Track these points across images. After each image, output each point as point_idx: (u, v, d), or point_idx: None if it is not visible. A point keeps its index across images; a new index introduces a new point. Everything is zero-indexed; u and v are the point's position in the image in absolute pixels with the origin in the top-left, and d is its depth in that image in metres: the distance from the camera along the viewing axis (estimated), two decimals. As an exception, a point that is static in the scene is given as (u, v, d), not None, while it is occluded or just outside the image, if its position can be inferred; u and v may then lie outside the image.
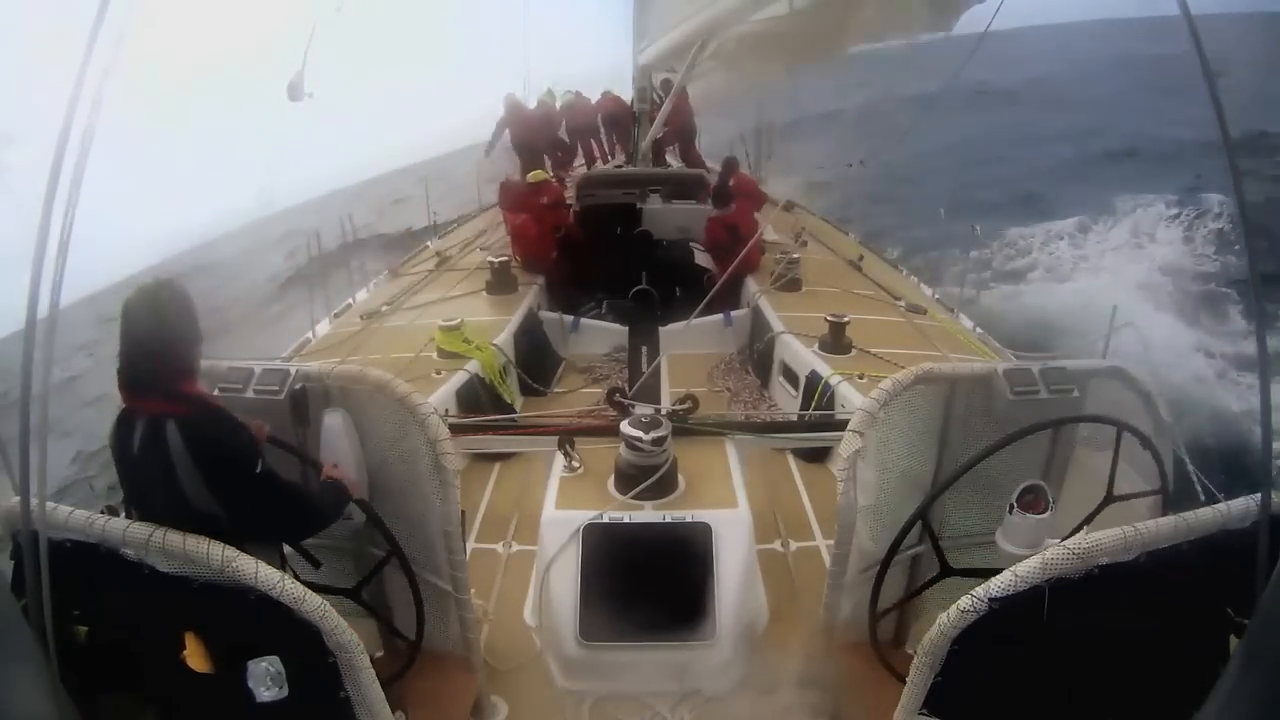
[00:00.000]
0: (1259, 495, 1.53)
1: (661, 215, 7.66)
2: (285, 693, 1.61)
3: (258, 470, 1.80)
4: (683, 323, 6.04)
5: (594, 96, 10.95)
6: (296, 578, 1.78)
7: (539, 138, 10.07)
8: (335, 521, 2.14)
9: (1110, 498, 2.13)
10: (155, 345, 1.72)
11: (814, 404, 4.52)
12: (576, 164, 10.85)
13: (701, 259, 7.01)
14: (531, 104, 10.30)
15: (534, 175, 7.24)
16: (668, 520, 2.95)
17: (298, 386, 2.35)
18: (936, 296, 6.72)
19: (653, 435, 3.02)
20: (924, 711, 1.66)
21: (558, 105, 10.62)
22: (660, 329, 6.12)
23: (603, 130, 10.82)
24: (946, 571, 2.29)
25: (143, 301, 1.71)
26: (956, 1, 4.29)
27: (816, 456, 4.37)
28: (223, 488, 1.74)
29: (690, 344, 5.96)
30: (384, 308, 6.23)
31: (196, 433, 1.72)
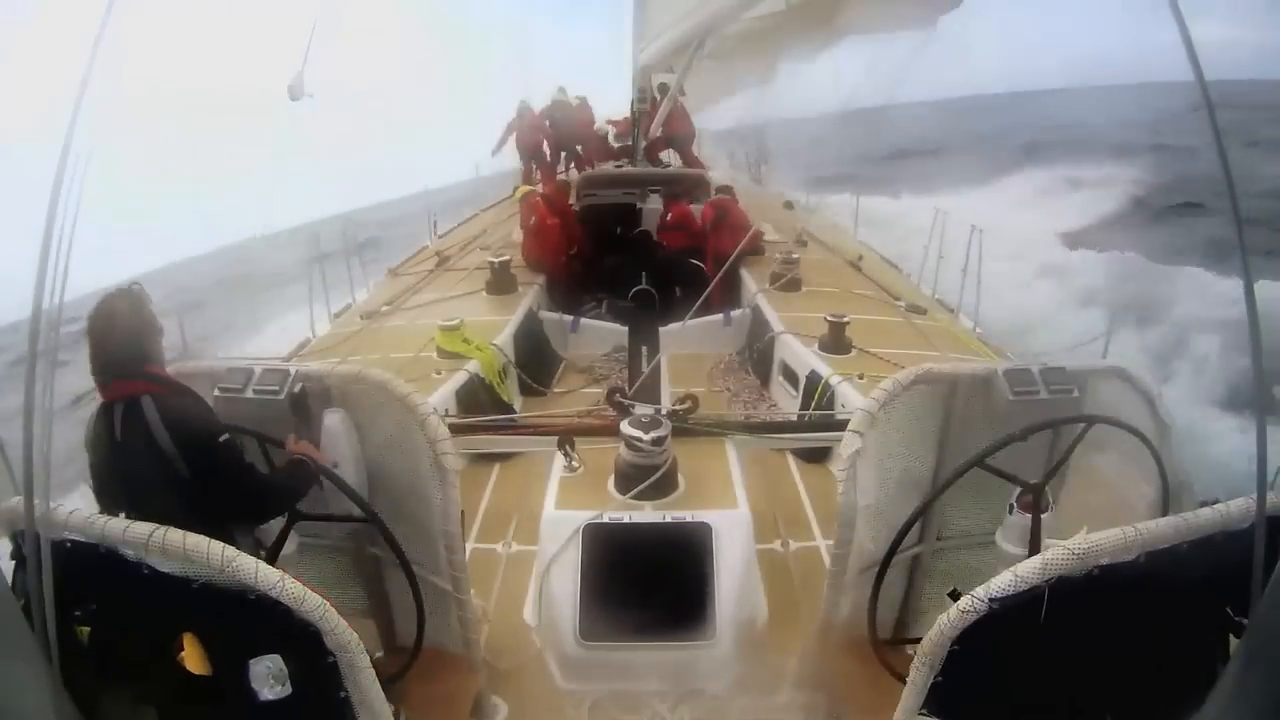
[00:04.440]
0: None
1: (659, 216, 7.67)
2: (287, 691, 1.61)
3: (223, 439, 1.97)
4: (682, 323, 6.05)
5: (595, 102, 10.91)
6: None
7: (538, 142, 10.12)
8: (306, 494, 2.20)
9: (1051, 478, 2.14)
10: (120, 337, 1.91)
11: (814, 404, 4.52)
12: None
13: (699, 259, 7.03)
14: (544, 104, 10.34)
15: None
16: (668, 520, 2.95)
17: (298, 387, 2.35)
18: (937, 297, 6.72)
19: (653, 435, 3.01)
20: (924, 711, 1.66)
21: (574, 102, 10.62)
22: (660, 329, 6.12)
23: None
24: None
25: (103, 306, 1.91)
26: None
27: (816, 456, 4.37)
28: (195, 455, 1.89)
29: (690, 344, 5.96)
30: (384, 308, 6.23)
31: (170, 403, 1.91)
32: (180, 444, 1.88)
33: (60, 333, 1.29)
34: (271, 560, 2.16)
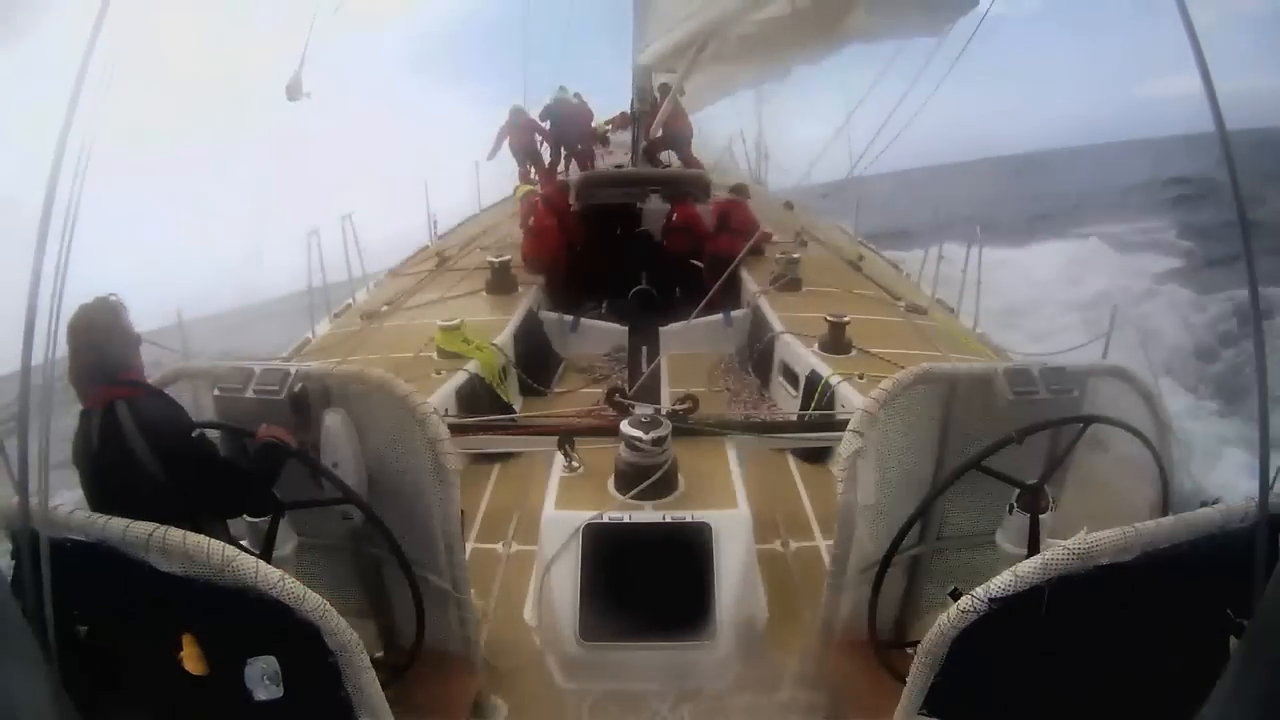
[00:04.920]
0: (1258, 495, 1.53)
1: (661, 215, 7.67)
2: (282, 692, 1.61)
3: (195, 435, 2.04)
4: (682, 323, 6.06)
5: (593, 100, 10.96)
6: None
7: (532, 143, 10.19)
8: (278, 477, 2.23)
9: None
10: (96, 346, 1.96)
11: (814, 404, 4.53)
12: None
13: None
14: (543, 104, 10.39)
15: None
16: (668, 520, 2.95)
17: (298, 387, 2.35)
18: (937, 297, 6.72)
19: (653, 435, 3.01)
20: (924, 711, 1.66)
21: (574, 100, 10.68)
22: (660, 329, 6.12)
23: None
24: None
25: (80, 316, 1.95)
26: (950, 5, 4.33)
27: (816, 456, 4.37)
28: (168, 454, 1.94)
29: (690, 344, 5.96)
30: (384, 308, 6.23)
31: (142, 407, 1.95)
32: (153, 445, 1.92)
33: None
34: (266, 554, 2.18)
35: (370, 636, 2.60)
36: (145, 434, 1.92)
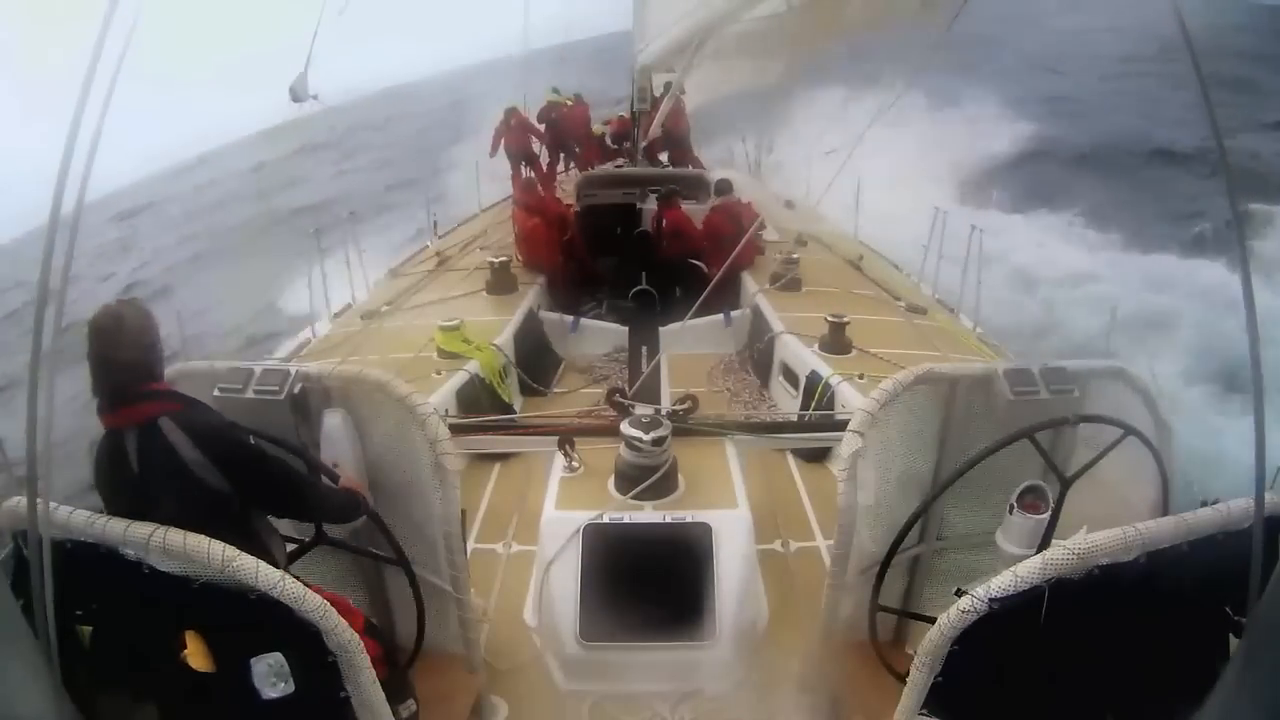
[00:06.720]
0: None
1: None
2: (291, 688, 1.61)
3: (251, 441, 1.99)
4: (682, 323, 6.06)
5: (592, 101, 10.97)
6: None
7: (527, 143, 10.22)
8: (340, 522, 2.21)
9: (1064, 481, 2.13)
10: (128, 357, 1.76)
11: (814, 404, 4.53)
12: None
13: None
14: (540, 103, 10.41)
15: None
16: (668, 520, 2.96)
17: (298, 387, 2.35)
18: (937, 297, 6.72)
19: (653, 435, 3.01)
20: (924, 711, 1.66)
21: (568, 103, 10.69)
22: (660, 329, 6.13)
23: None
24: None
25: (106, 322, 1.75)
26: None
27: (816, 456, 4.37)
28: (234, 465, 1.84)
29: (690, 344, 5.96)
30: (384, 308, 6.23)
31: (193, 420, 1.82)
32: (216, 458, 1.79)
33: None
34: (288, 563, 2.16)
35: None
36: (204, 449, 1.78)
